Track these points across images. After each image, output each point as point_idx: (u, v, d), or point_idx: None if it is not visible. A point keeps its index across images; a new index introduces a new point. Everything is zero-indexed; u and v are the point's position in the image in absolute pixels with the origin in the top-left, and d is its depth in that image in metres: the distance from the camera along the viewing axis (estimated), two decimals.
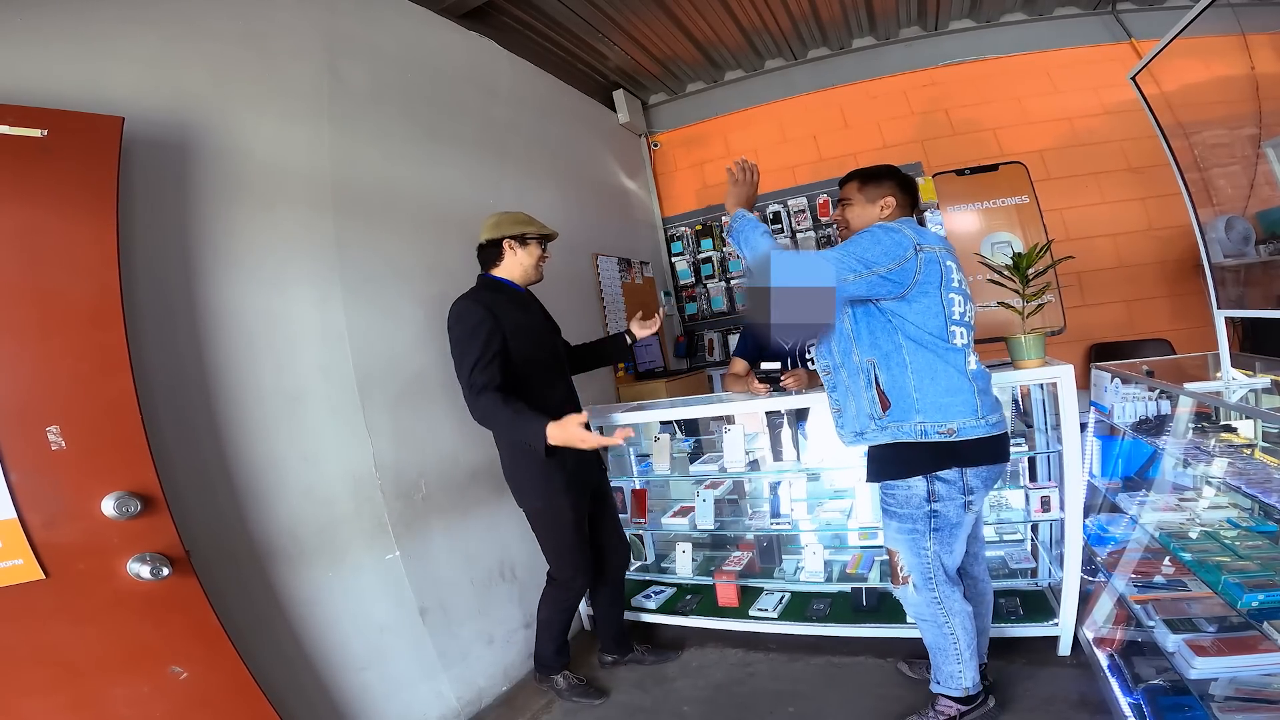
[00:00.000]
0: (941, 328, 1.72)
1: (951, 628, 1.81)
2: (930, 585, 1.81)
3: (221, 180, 1.88)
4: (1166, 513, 1.91)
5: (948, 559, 1.80)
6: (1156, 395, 1.99)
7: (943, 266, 1.73)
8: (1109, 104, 3.76)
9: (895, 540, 1.85)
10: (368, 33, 2.49)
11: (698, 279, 4.72)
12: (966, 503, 1.76)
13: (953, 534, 1.78)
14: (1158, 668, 1.83)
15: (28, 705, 1.36)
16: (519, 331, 2.07)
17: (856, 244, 1.71)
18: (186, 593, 1.54)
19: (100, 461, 1.45)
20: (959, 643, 1.82)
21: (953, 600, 1.81)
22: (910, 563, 1.82)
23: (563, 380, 2.30)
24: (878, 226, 1.75)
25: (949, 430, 1.70)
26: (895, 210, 1.86)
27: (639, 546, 3.05)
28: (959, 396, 1.72)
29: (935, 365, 1.72)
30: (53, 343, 1.41)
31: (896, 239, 1.69)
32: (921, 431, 1.72)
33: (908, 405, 1.73)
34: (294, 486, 1.94)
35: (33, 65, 1.53)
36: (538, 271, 2.25)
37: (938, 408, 1.71)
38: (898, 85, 4.20)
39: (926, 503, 1.76)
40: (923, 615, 1.86)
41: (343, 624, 2.02)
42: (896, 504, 1.81)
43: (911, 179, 1.93)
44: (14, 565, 1.33)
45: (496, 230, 2.17)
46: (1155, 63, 2.12)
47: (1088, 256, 3.63)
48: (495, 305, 2.04)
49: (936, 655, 1.88)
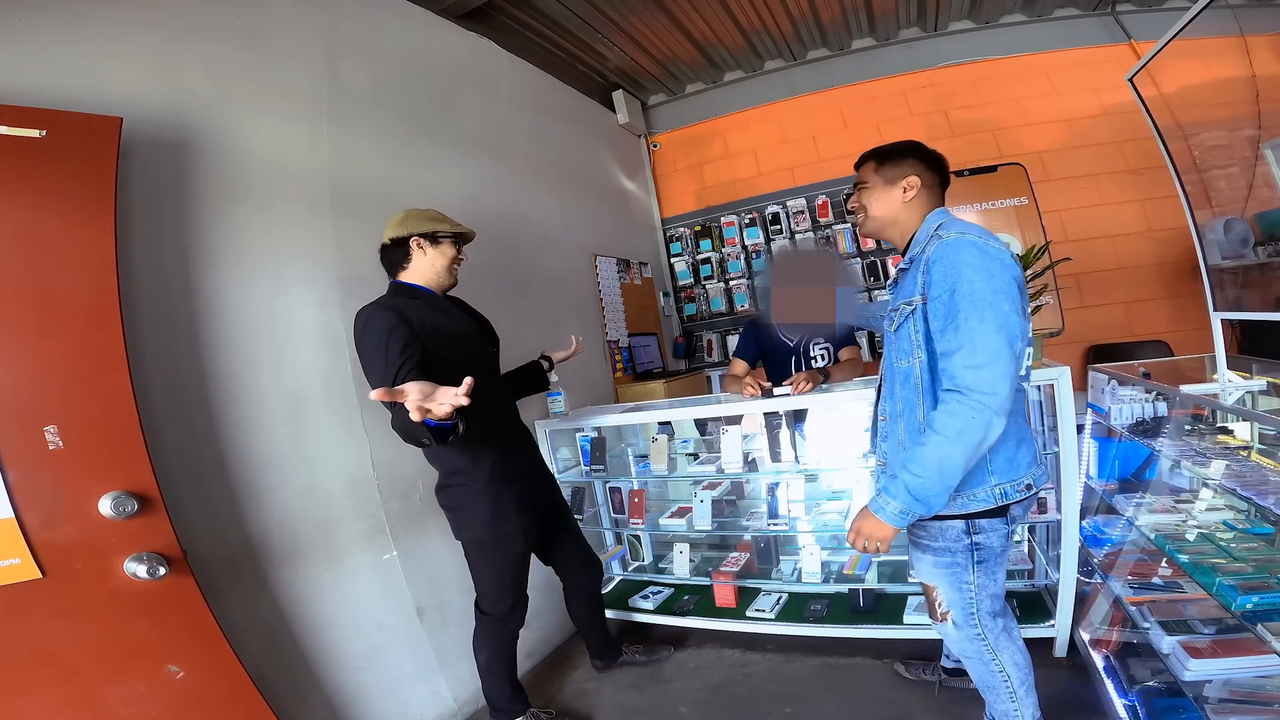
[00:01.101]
0: (1022, 356, 1.41)
1: (1000, 664, 1.59)
2: (972, 621, 1.58)
3: (220, 180, 1.89)
4: (1162, 514, 1.90)
5: (992, 589, 1.57)
6: (1153, 397, 1.99)
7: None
8: (1108, 105, 3.76)
9: (930, 575, 1.60)
10: (367, 33, 2.49)
11: (696, 280, 4.72)
12: (1009, 532, 1.55)
13: (997, 563, 1.55)
14: (1153, 669, 1.83)
15: (25, 704, 1.37)
16: (438, 336, 1.82)
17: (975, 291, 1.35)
18: (183, 592, 1.55)
19: (98, 461, 1.46)
20: (1010, 679, 1.60)
21: (998, 634, 1.59)
22: (949, 598, 1.59)
23: (499, 393, 2.08)
24: (960, 247, 1.39)
25: (1026, 486, 1.48)
26: (921, 192, 1.57)
27: (636, 547, 3.06)
28: (1025, 444, 1.49)
29: (1012, 415, 1.41)
30: (51, 343, 1.41)
31: (999, 265, 1.37)
32: (1001, 495, 1.46)
33: (980, 469, 1.45)
34: (291, 486, 1.95)
35: (31, 65, 1.53)
36: (451, 275, 1.99)
37: (1011, 464, 1.47)
38: (897, 86, 4.20)
39: (966, 535, 1.51)
40: (966, 653, 1.64)
41: (340, 624, 2.03)
42: (929, 537, 1.57)
43: (938, 155, 1.63)
44: (11, 564, 1.34)
45: (402, 228, 1.91)
46: (1154, 64, 2.12)
47: (1086, 258, 3.63)
48: (407, 310, 1.79)
49: (987, 694, 1.67)
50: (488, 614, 2.09)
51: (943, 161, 1.64)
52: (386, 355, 1.68)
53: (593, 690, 2.49)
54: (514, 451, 2.06)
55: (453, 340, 1.87)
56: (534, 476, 2.05)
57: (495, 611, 2.07)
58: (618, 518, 2.95)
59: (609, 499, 2.99)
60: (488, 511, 1.93)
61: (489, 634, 2.10)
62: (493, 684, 2.16)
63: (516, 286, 3.03)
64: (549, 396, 2.84)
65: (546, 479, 2.23)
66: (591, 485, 3.04)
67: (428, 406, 1.40)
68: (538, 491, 2.11)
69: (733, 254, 4.57)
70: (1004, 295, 1.34)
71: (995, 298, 1.34)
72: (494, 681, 2.15)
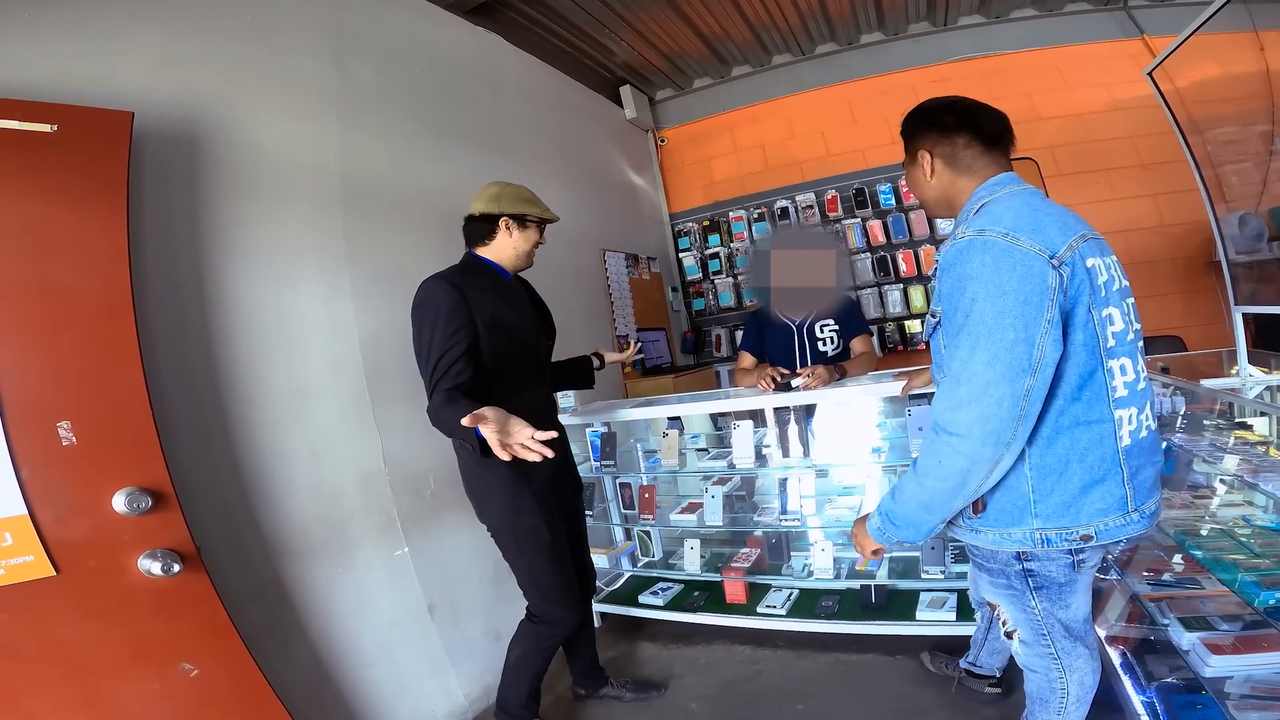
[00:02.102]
0: (1095, 371, 1.19)
1: (1065, 683, 1.41)
2: (1045, 642, 1.38)
3: (231, 176, 1.89)
4: (1180, 510, 1.89)
5: (1064, 615, 1.35)
6: (1171, 392, 1.97)
7: (1086, 270, 1.17)
8: (1120, 100, 3.74)
9: (992, 594, 1.44)
10: (375, 28, 2.49)
11: (705, 274, 4.72)
12: (1075, 563, 1.29)
13: (1063, 591, 1.32)
14: (1170, 666, 1.81)
15: (38, 704, 1.35)
16: (496, 324, 1.78)
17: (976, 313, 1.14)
18: (197, 589, 1.54)
19: (111, 457, 1.44)
20: (1069, 696, 1.42)
21: (1074, 658, 1.38)
22: (1016, 618, 1.42)
23: (540, 386, 2.02)
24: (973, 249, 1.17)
25: (1083, 537, 1.22)
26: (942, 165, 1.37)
27: (646, 542, 3.05)
28: (1100, 489, 1.21)
29: (1070, 452, 1.20)
30: (63, 338, 1.40)
31: (1022, 270, 1.12)
32: (1042, 540, 1.23)
33: (1020, 508, 1.24)
34: (304, 482, 1.95)
35: (42, 60, 1.53)
36: (529, 259, 1.97)
37: (1067, 509, 1.21)
38: (906, 81, 4.18)
39: (1017, 562, 1.31)
40: (1033, 666, 1.46)
41: (352, 620, 2.02)
42: (983, 558, 1.39)
43: (967, 107, 1.37)
44: (25, 562, 1.33)
45: (495, 204, 1.88)
46: (1168, 59, 2.10)
47: None
48: (472, 290, 1.75)
49: (1035, 703, 1.50)
50: (536, 615, 1.99)
51: (977, 113, 1.36)
52: (435, 333, 1.67)
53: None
54: None
55: (509, 329, 1.83)
56: (559, 474, 1.95)
57: (541, 613, 1.98)
58: (628, 513, 2.94)
59: (619, 494, 2.98)
60: (506, 499, 1.85)
61: (531, 635, 2.00)
62: (512, 685, 2.05)
63: None
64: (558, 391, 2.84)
65: (572, 480, 2.12)
66: (601, 481, 3.03)
67: (501, 439, 1.38)
68: (563, 488, 2.01)
69: (741, 249, 4.56)
70: (1011, 318, 1.11)
71: (998, 321, 1.12)
72: (514, 684, 2.05)
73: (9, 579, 1.31)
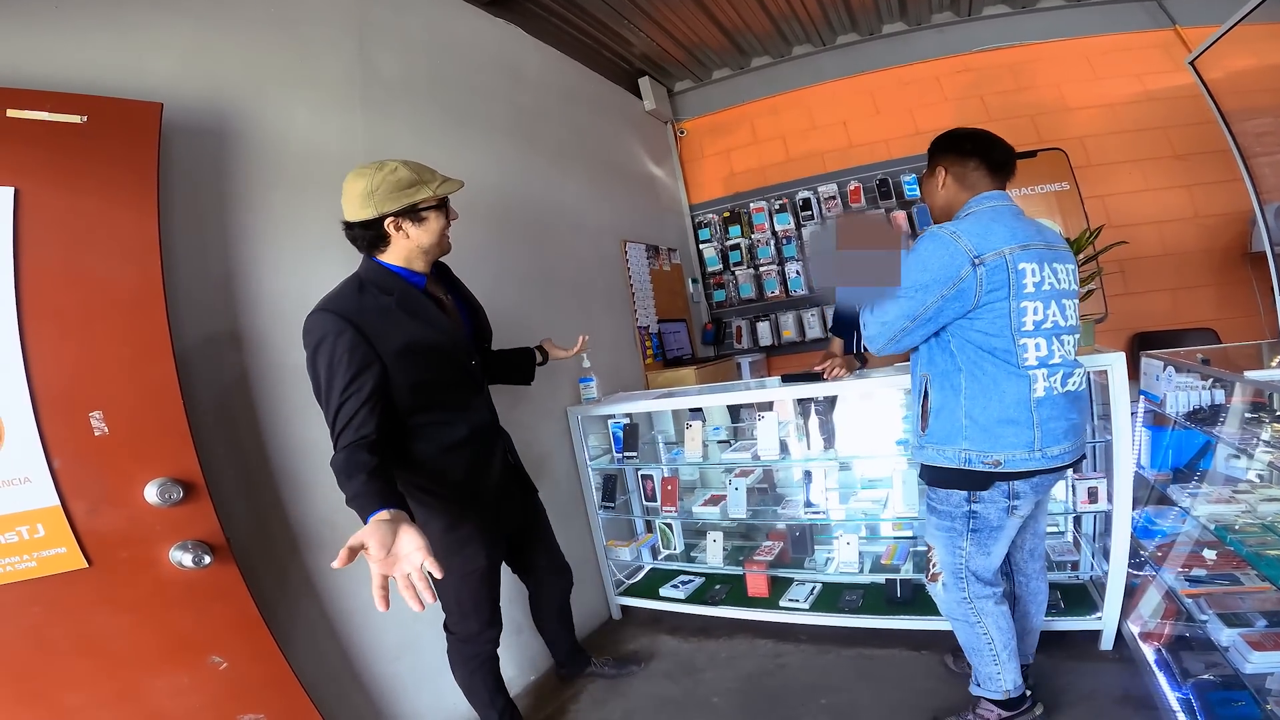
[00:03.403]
0: (1008, 346, 1.57)
1: (985, 628, 1.75)
2: (960, 586, 1.75)
3: (257, 166, 1.88)
4: (1219, 505, 1.84)
5: (981, 561, 1.73)
6: (1210, 384, 1.92)
7: (1012, 271, 1.53)
8: (1153, 90, 3.65)
9: (933, 536, 1.80)
10: (396, 19, 2.48)
11: (725, 266, 4.67)
12: (1010, 507, 1.67)
13: (991, 536, 1.70)
14: (1207, 662, 1.80)
15: (72, 698, 1.35)
16: (409, 351, 1.54)
17: (904, 274, 1.60)
18: (227, 581, 1.53)
19: (143, 448, 1.44)
20: (994, 643, 1.75)
21: (985, 601, 1.75)
22: (943, 560, 1.78)
23: (478, 399, 1.79)
24: (928, 237, 1.60)
25: (994, 462, 1.60)
26: (953, 181, 1.71)
27: (667, 535, 3.04)
28: (1013, 427, 1.59)
29: (991, 391, 1.59)
30: (95, 328, 1.40)
31: (945, 258, 1.55)
32: (965, 459, 1.63)
33: (954, 430, 1.64)
34: (330, 474, 1.94)
35: (71, 52, 1.52)
36: (443, 246, 1.65)
37: (986, 436, 1.60)
38: (930, 71, 4.10)
39: (966, 503, 1.68)
40: (954, 614, 1.81)
41: (377, 615, 2.01)
42: (938, 500, 1.76)
43: (984, 139, 1.70)
44: (57, 554, 1.32)
45: (370, 205, 1.52)
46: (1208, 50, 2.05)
47: (1131, 244, 3.51)
48: (371, 316, 1.51)
49: (973, 655, 1.83)
50: (454, 633, 1.88)
51: (987, 142, 1.70)
52: (332, 381, 1.45)
53: (624, 680, 2.48)
54: (483, 465, 1.78)
55: (427, 353, 1.59)
56: (502, 493, 1.80)
57: (460, 631, 1.86)
58: (649, 505, 2.93)
59: (640, 486, 2.98)
60: (443, 528, 1.69)
61: (459, 655, 1.91)
62: (480, 709, 1.98)
63: (546, 273, 3.01)
64: (581, 382, 2.84)
65: (521, 486, 1.97)
66: (623, 472, 3.03)
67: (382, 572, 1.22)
68: (505, 510, 1.86)
69: (762, 240, 4.51)
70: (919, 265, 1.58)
71: (910, 282, 1.59)
72: (478, 705, 1.97)
73: (41, 571, 1.31)
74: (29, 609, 1.31)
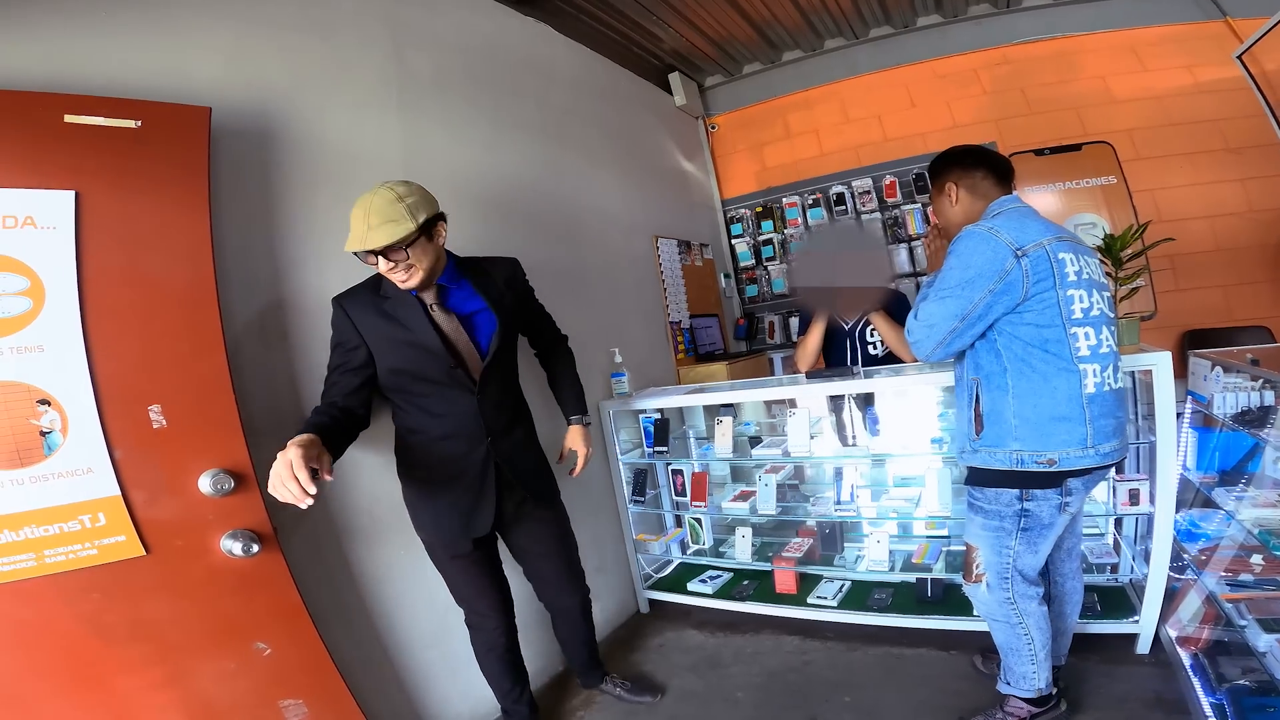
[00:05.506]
0: (1060, 337, 1.57)
1: (1026, 628, 1.74)
2: (1005, 586, 1.73)
3: (301, 168, 1.93)
4: (1266, 509, 1.79)
5: (1029, 560, 1.71)
6: (1259, 385, 1.86)
7: (1054, 261, 1.56)
8: (1204, 83, 3.52)
9: (977, 536, 1.77)
10: (428, 20, 2.51)
11: (758, 261, 4.65)
12: (1063, 504, 1.65)
13: (1041, 535, 1.68)
14: (1244, 668, 1.77)
15: (125, 683, 1.40)
16: (390, 340, 1.72)
17: (947, 275, 1.62)
18: (273, 570, 1.58)
19: (197, 440, 1.49)
20: (1034, 643, 1.74)
21: (1029, 601, 1.73)
22: (988, 560, 1.75)
23: (465, 403, 1.81)
24: (966, 236, 1.61)
25: (1048, 461, 1.60)
26: (964, 193, 1.77)
27: (696, 530, 3.05)
28: (1066, 425, 1.58)
29: (1041, 388, 1.58)
30: (153, 325, 1.46)
31: (988, 253, 1.56)
32: (1017, 460, 1.62)
33: (1004, 431, 1.64)
34: (373, 464, 1.99)
35: (120, 57, 1.57)
36: (403, 284, 1.69)
37: (1039, 435, 1.60)
38: (967, 64, 4.01)
39: (1018, 501, 1.66)
40: (994, 615, 1.78)
41: (413, 603, 2.07)
42: (985, 500, 1.73)
43: (983, 151, 1.80)
44: (117, 542, 1.38)
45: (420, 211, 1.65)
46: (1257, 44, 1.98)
47: (1181, 239, 3.38)
48: (365, 310, 1.72)
49: (1009, 655, 1.81)
50: (465, 620, 2.05)
51: (989, 157, 1.79)
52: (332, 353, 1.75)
53: (649, 672, 2.50)
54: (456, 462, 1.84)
55: (404, 345, 1.74)
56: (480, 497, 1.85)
57: (467, 617, 2.03)
58: (679, 500, 2.95)
59: (670, 481, 2.99)
60: (427, 517, 1.88)
61: (472, 641, 2.06)
62: (496, 694, 2.13)
63: (579, 269, 3.03)
64: (614, 377, 2.87)
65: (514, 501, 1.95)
66: (653, 467, 3.05)
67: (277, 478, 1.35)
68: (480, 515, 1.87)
69: (795, 235, 4.48)
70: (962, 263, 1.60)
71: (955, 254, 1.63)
72: (495, 692, 2.12)
73: (102, 559, 1.36)
74: (89, 595, 1.37)
